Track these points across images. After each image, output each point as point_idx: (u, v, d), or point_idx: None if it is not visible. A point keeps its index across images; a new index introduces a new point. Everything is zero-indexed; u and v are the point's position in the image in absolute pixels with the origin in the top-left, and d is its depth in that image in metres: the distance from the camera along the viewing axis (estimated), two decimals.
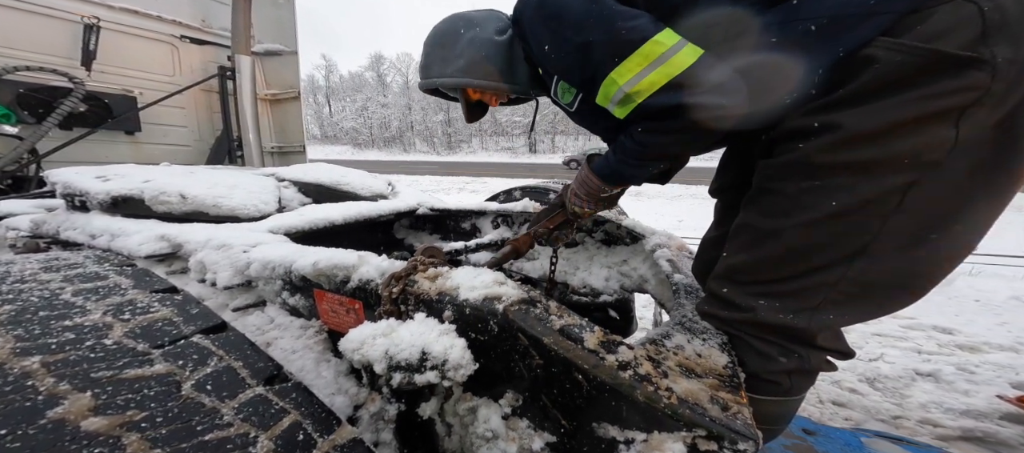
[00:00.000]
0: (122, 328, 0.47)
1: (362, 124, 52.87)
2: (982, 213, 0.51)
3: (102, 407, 0.36)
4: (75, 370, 0.39)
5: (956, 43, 0.45)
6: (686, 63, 0.56)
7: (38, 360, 0.40)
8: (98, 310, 0.50)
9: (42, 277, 0.56)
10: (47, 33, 2.28)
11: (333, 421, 0.43)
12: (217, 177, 1.27)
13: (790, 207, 0.54)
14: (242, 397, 0.40)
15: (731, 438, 0.41)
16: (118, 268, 0.64)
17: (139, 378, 0.39)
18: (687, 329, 0.64)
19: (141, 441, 0.34)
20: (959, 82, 0.45)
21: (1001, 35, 0.44)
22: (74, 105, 2.14)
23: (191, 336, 0.49)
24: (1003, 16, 0.44)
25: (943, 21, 0.46)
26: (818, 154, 0.51)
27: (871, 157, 0.49)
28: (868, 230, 0.51)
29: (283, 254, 0.79)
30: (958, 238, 0.52)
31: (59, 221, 1.10)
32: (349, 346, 0.52)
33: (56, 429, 0.33)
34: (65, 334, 0.45)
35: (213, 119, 3.08)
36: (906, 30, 0.48)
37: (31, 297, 0.52)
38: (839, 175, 0.51)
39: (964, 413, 1.58)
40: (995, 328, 2.44)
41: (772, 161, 0.56)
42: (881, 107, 0.48)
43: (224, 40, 2.93)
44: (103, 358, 0.41)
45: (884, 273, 0.53)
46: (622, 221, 1.28)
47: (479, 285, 0.60)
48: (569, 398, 0.52)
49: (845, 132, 0.49)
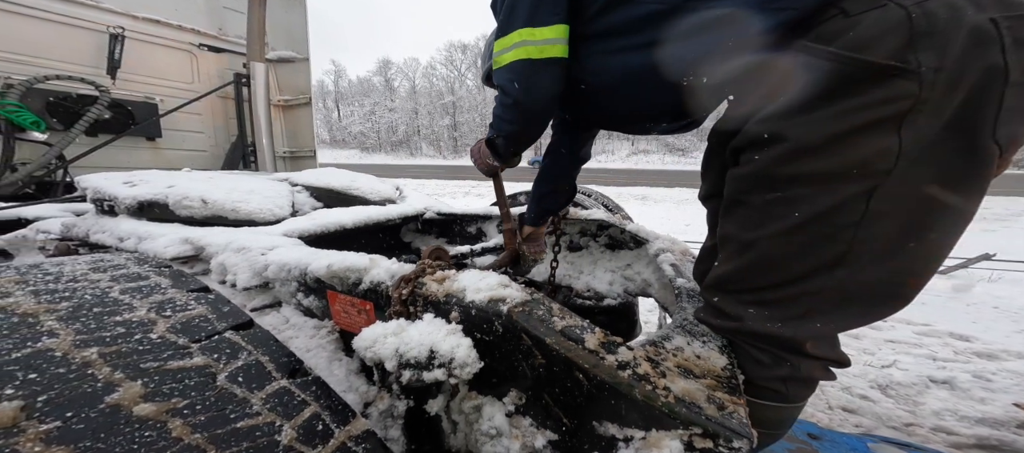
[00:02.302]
0: (164, 324, 0.52)
1: (370, 128, 53.58)
2: (954, 217, 0.49)
3: (151, 394, 0.40)
4: (127, 361, 0.44)
5: (883, 51, 0.44)
6: (526, 56, 0.70)
7: (96, 351, 0.44)
8: (143, 307, 0.54)
9: (92, 277, 0.61)
10: (75, 43, 2.39)
11: (349, 413, 0.46)
12: (235, 182, 1.33)
13: (760, 218, 0.55)
14: (268, 389, 0.44)
15: (726, 436, 0.43)
16: (157, 269, 0.69)
17: (181, 369, 0.43)
18: (688, 332, 0.65)
19: (184, 426, 0.37)
20: (888, 92, 0.44)
21: (928, 42, 0.43)
22: (100, 112, 2.24)
23: (224, 332, 0.53)
24: (930, 22, 0.43)
25: (872, 27, 0.45)
26: (774, 166, 0.52)
27: (822, 169, 0.49)
28: (841, 239, 0.50)
29: (298, 257, 0.83)
30: (935, 244, 0.51)
31: (89, 224, 1.16)
32: (362, 344, 0.55)
33: (112, 413, 0.37)
34: (117, 328, 0.49)
35: (228, 125, 3.18)
36: (836, 36, 0.47)
37: (85, 295, 0.56)
38: (797, 187, 0.51)
39: (979, 421, 1.54)
40: (1014, 335, 2.37)
41: (738, 171, 0.57)
42: (821, 118, 0.48)
43: (240, 48, 3.03)
44: (150, 350, 0.45)
45: (867, 281, 0.53)
46: (626, 226, 1.30)
47: (485, 287, 0.63)
48: (570, 397, 0.54)
49: (792, 144, 0.49)
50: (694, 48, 0.60)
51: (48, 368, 0.42)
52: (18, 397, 0.38)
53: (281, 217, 1.28)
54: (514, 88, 0.77)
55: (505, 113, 0.83)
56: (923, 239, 0.50)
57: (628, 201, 9.26)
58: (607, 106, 0.82)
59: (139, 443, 0.36)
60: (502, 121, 0.85)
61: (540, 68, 0.73)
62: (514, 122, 0.84)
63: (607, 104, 0.81)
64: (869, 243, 0.50)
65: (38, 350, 0.44)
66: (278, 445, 0.38)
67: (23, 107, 2.09)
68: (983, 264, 3.51)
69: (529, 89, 0.76)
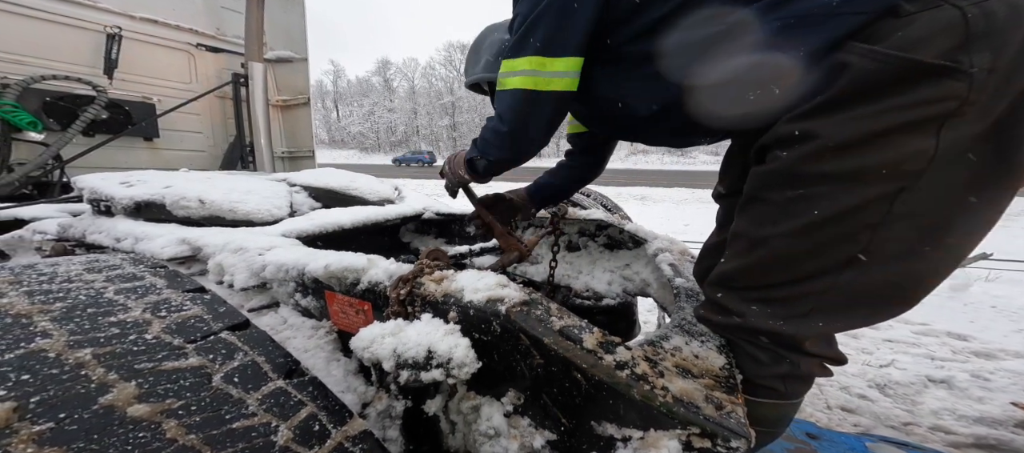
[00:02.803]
0: (159, 324, 0.51)
1: (369, 128, 53.51)
2: (975, 224, 0.49)
3: (145, 395, 0.40)
4: (121, 362, 0.43)
5: (934, 51, 0.43)
6: (532, 86, 0.69)
7: (90, 352, 0.44)
8: (138, 308, 0.54)
9: (87, 277, 0.61)
10: (72, 43, 2.38)
11: (346, 414, 0.46)
12: (233, 183, 1.32)
13: (777, 216, 0.54)
14: (264, 389, 0.44)
15: (724, 436, 0.42)
16: (152, 269, 0.68)
17: (176, 370, 0.43)
18: (686, 331, 0.65)
19: (178, 427, 0.37)
20: (934, 92, 0.43)
21: (984, 42, 0.42)
22: (97, 112, 2.23)
23: (219, 332, 0.52)
24: (988, 22, 0.42)
25: (924, 27, 0.44)
26: (799, 163, 0.51)
27: (850, 168, 0.48)
28: (856, 241, 0.50)
29: (296, 257, 0.83)
30: (951, 250, 0.50)
31: (85, 225, 1.16)
32: (359, 344, 0.55)
33: (106, 414, 0.37)
34: (111, 329, 0.49)
35: (226, 125, 3.17)
36: (885, 36, 0.46)
37: (79, 295, 0.56)
38: (820, 185, 0.50)
39: (977, 420, 1.55)
40: (1012, 335, 2.38)
41: (761, 169, 0.57)
42: (856, 117, 0.47)
43: (238, 48, 3.02)
44: (145, 351, 0.45)
45: (874, 284, 0.52)
46: (625, 226, 1.30)
47: (483, 287, 0.62)
48: (569, 397, 0.54)
49: (822, 142, 0.49)
50: (768, 64, 0.54)
51: (41, 369, 0.41)
52: (11, 398, 0.37)
53: (279, 217, 1.27)
54: (511, 117, 0.75)
55: (495, 139, 0.80)
56: (939, 244, 0.49)
57: (627, 201, 9.26)
58: (657, 126, 0.76)
59: (133, 444, 0.35)
60: (490, 146, 0.82)
61: (542, 101, 0.71)
62: (503, 150, 0.81)
63: (656, 124, 0.75)
64: (885, 245, 0.49)
65: (31, 351, 0.43)
66: (274, 446, 0.38)
67: (19, 107, 2.08)
68: (981, 263, 3.51)
69: (527, 123, 0.74)
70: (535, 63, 0.68)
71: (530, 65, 0.69)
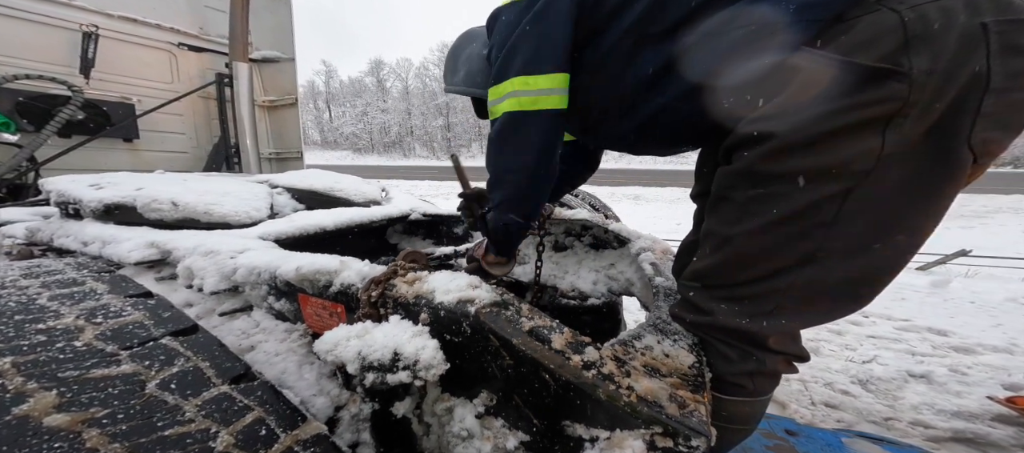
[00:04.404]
0: (93, 331, 0.49)
1: (362, 129, 53.07)
2: (922, 221, 0.51)
3: (65, 404, 0.38)
4: (43, 370, 0.41)
5: (876, 54, 0.45)
6: (518, 108, 0.68)
7: (9, 361, 0.42)
8: (71, 314, 0.52)
9: (21, 283, 0.58)
10: (46, 41, 2.32)
11: (298, 418, 0.45)
12: (209, 184, 1.30)
13: (740, 214, 0.56)
14: (206, 395, 0.42)
15: (685, 434, 0.42)
16: (96, 274, 0.66)
17: (104, 378, 0.41)
18: (660, 330, 0.65)
19: (101, 436, 0.35)
20: (878, 93, 0.45)
21: (922, 45, 0.43)
22: (73, 113, 2.17)
23: (161, 338, 0.51)
24: (924, 26, 0.44)
25: (866, 31, 0.46)
26: (759, 163, 0.53)
27: (804, 166, 0.50)
28: (812, 238, 0.52)
29: (268, 260, 0.81)
30: (900, 246, 0.52)
31: (53, 229, 1.12)
32: (323, 347, 0.53)
33: (19, 425, 0.35)
34: (37, 336, 0.47)
35: (211, 126, 3.11)
36: (832, 40, 0.48)
37: (8, 302, 0.54)
38: (778, 183, 0.52)
39: (955, 414, 1.58)
40: (989, 330, 2.44)
41: (727, 169, 0.58)
42: (808, 118, 0.48)
43: (222, 47, 2.97)
44: (71, 359, 0.43)
45: (832, 281, 0.54)
46: (609, 226, 1.30)
47: (454, 288, 0.62)
48: (539, 397, 0.53)
49: (779, 141, 0.50)
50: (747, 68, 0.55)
51: None
52: None
53: (258, 219, 1.25)
54: (510, 143, 0.72)
55: (505, 176, 0.75)
56: (888, 241, 0.51)
57: (621, 201, 9.32)
58: (643, 136, 0.74)
59: None
60: (498, 184, 0.77)
61: (533, 121, 0.69)
62: (517, 186, 0.75)
63: (643, 133, 0.73)
64: (838, 243, 0.51)
65: None
66: (212, 452, 0.37)
67: None
68: (960, 260, 3.61)
69: (519, 148, 0.72)
70: (519, 83, 0.68)
71: (514, 87, 0.68)
